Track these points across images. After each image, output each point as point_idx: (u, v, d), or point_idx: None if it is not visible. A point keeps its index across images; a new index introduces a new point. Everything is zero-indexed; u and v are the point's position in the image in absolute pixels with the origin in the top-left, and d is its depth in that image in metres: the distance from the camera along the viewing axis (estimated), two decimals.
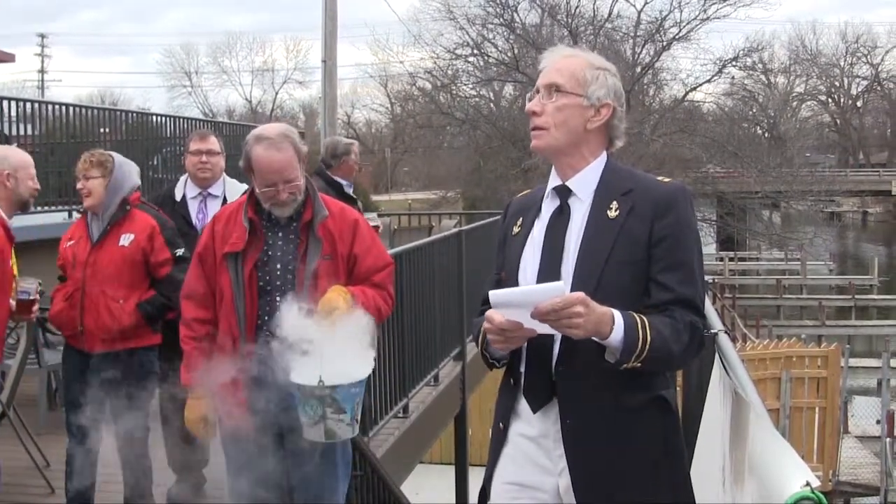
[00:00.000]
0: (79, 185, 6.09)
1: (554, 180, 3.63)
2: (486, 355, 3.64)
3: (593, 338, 3.18)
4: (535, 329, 3.19)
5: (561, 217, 3.56)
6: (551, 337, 3.43)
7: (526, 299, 3.12)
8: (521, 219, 3.71)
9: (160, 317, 6.22)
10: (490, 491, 3.71)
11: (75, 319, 6.07)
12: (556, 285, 3.12)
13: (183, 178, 7.27)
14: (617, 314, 3.20)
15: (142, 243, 6.13)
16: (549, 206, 3.61)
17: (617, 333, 3.18)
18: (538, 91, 3.59)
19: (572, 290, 3.31)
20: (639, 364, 3.21)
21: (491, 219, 15.73)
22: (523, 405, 3.57)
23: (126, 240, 6.11)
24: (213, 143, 7.18)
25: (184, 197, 7.15)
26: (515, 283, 3.55)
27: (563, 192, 3.58)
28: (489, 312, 3.31)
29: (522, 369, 3.56)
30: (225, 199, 7.06)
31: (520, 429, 3.60)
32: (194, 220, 7.02)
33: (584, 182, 3.55)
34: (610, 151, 3.64)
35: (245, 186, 7.20)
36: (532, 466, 3.56)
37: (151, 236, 6.18)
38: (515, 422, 3.61)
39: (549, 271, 3.48)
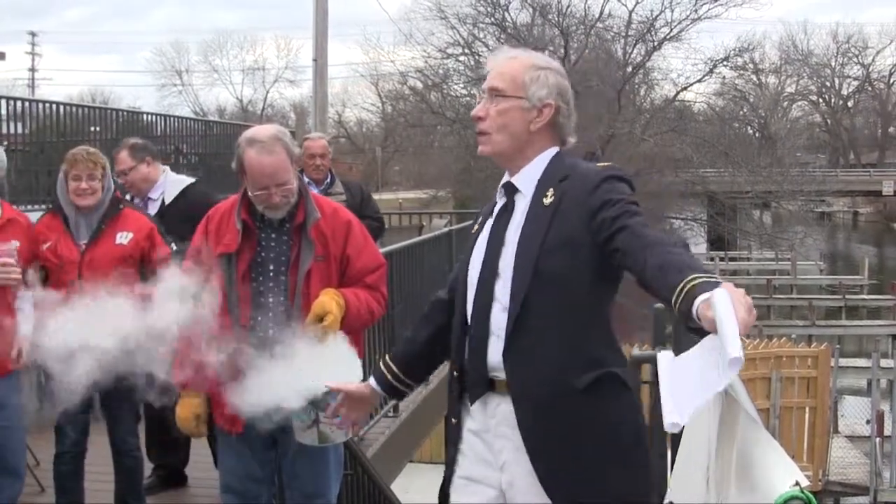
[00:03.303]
0: (82, 185, 5.96)
1: (505, 178, 3.68)
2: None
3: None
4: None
5: (505, 213, 3.61)
6: (486, 327, 3.50)
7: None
8: (481, 219, 3.77)
9: None
10: (448, 486, 3.74)
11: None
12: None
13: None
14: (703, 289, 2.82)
15: (141, 242, 6.10)
16: (498, 204, 3.67)
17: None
18: (482, 97, 3.63)
19: (512, 279, 3.43)
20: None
21: None
22: (466, 398, 3.64)
23: (124, 238, 6.06)
24: (122, 160, 7.22)
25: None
26: (466, 284, 3.64)
27: (510, 190, 3.64)
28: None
29: (462, 362, 3.63)
30: (163, 200, 7.20)
31: (467, 423, 3.65)
32: None
33: (528, 178, 3.59)
34: (563, 148, 3.67)
35: (187, 181, 7.29)
36: (479, 461, 3.61)
37: (150, 236, 6.16)
38: (464, 415, 3.66)
39: (489, 265, 3.55)
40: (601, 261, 3.37)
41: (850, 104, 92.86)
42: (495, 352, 3.50)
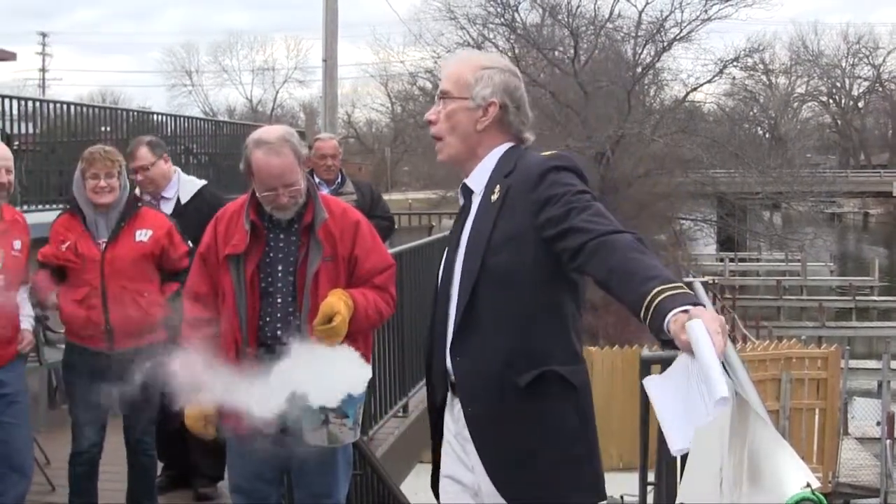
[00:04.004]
0: (101, 183, 5.96)
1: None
2: None
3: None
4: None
5: (462, 214, 3.67)
6: (445, 329, 3.54)
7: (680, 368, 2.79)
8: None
9: None
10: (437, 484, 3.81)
11: (98, 320, 5.95)
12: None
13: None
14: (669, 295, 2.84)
15: (161, 240, 6.11)
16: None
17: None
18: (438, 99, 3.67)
19: (460, 278, 3.48)
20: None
21: None
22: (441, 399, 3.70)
23: (144, 235, 6.07)
24: (142, 156, 7.16)
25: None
26: (435, 286, 3.68)
27: (465, 191, 3.69)
28: None
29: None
30: (178, 200, 7.15)
31: (446, 422, 3.71)
32: None
33: (479, 177, 3.63)
34: (523, 146, 3.67)
35: (200, 183, 7.28)
36: (457, 461, 3.65)
37: (170, 233, 6.18)
38: (445, 415, 3.71)
39: (447, 267, 3.60)
40: (549, 256, 3.34)
41: (860, 105, 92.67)
42: (452, 348, 3.54)
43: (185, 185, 7.26)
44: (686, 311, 2.74)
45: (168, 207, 7.06)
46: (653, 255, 3.09)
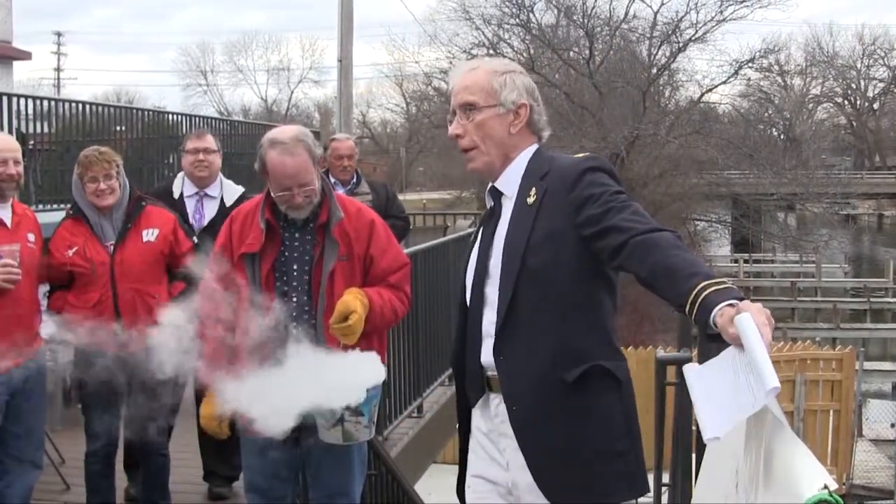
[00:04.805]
0: (101, 186, 5.95)
1: (490, 183, 3.74)
2: None
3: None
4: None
5: (493, 217, 3.69)
6: (480, 328, 3.57)
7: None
8: (478, 224, 3.86)
9: None
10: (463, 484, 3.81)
11: (111, 323, 5.86)
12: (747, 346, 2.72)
13: (180, 176, 7.29)
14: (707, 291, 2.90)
15: (168, 237, 6.13)
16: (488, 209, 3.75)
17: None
18: (454, 114, 3.67)
19: (500, 279, 3.50)
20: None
21: None
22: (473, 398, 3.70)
23: (151, 235, 6.08)
24: (210, 141, 7.23)
25: (181, 195, 7.17)
26: (464, 288, 3.70)
27: (496, 194, 3.71)
28: None
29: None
30: (222, 201, 7.11)
31: (476, 422, 3.72)
32: (191, 220, 7.04)
33: (510, 180, 3.65)
34: (541, 143, 3.73)
35: (241, 189, 7.28)
36: (489, 460, 3.67)
37: (174, 229, 6.19)
38: (474, 415, 3.72)
39: (480, 268, 3.63)
40: (588, 254, 3.39)
41: (875, 106, 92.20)
42: (488, 351, 3.55)
43: (229, 188, 7.28)
44: (732, 305, 2.80)
45: (212, 205, 7.09)
46: (692, 252, 3.15)
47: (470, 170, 3.72)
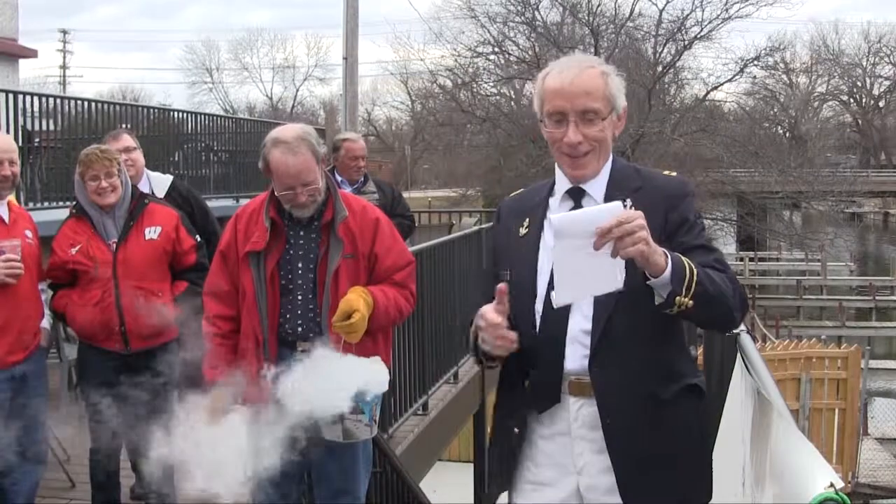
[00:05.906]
0: (102, 184, 5.93)
1: (563, 182, 3.61)
2: (479, 354, 3.61)
3: (647, 272, 3.15)
4: (574, 293, 3.15)
5: None
6: (562, 333, 3.46)
7: (589, 220, 3.00)
8: (527, 220, 3.67)
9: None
10: (511, 493, 3.72)
11: (113, 321, 5.93)
12: (615, 204, 3.06)
13: None
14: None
15: (171, 234, 6.12)
16: (561, 208, 3.57)
17: (668, 261, 3.14)
18: (560, 117, 3.48)
19: None
20: (690, 302, 3.15)
21: None
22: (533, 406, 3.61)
23: (153, 232, 6.07)
24: (127, 139, 7.23)
25: None
26: (534, 289, 3.54)
27: (577, 194, 3.57)
28: (483, 308, 3.34)
29: (530, 370, 3.57)
30: (152, 194, 7.08)
31: (536, 429, 3.62)
32: None
33: (596, 182, 3.56)
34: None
35: (170, 178, 7.29)
36: (552, 465, 3.59)
37: (177, 226, 6.18)
38: (531, 422, 3.62)
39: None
40: None
41: (881, 104, 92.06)
42: (577, 358, 3.47)
43: (157, 181, 7.30)
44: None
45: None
46: (734, 291, 3.34)
47: (580, 175, 3.53)
